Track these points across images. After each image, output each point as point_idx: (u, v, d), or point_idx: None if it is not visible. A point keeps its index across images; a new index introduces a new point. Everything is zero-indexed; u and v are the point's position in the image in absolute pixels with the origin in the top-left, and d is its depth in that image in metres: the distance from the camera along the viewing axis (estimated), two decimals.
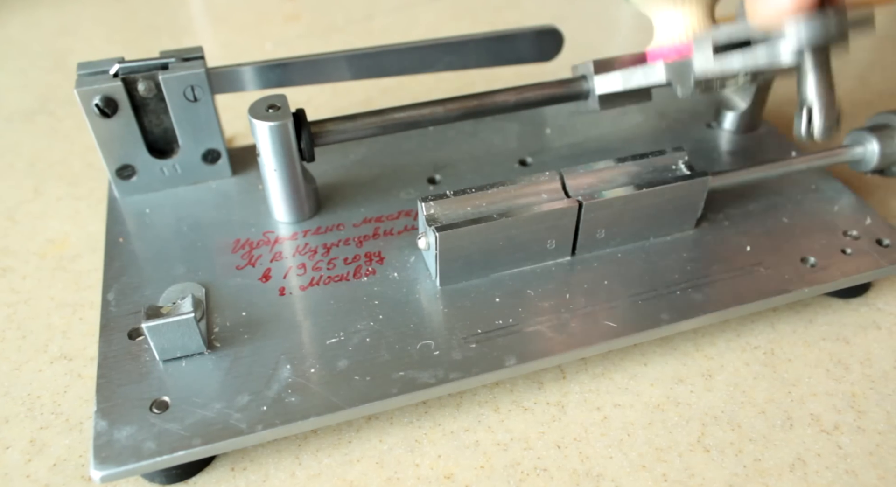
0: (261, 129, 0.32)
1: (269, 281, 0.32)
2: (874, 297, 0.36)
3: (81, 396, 0.32)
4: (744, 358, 0.33)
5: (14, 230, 0.41)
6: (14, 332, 0.35)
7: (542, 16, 0.62)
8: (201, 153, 0.37)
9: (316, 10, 0.64)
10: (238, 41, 0.60)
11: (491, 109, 0.36)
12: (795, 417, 0.31)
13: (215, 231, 0.35)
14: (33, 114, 0.51)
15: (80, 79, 0.33)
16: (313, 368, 0.29)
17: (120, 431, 0.26)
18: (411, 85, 0.53)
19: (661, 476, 0.29)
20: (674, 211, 0.34)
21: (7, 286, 0.37)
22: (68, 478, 0.28)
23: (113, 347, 0.29)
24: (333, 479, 0.28)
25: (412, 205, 0.37)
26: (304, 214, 0.36)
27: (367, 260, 0.34)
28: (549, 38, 0.40)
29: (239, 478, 0.29)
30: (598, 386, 0.32)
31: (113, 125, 0.34)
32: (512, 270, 0.33)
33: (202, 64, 0.35)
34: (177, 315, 0.27)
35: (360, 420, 0.31)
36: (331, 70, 0.38)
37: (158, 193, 0.38)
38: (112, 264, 0.33)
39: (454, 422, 0.31)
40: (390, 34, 0.60)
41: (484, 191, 0.31)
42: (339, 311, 0.31)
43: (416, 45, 0.38)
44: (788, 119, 0.47)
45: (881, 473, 0.29)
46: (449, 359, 0.29)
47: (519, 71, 0.44)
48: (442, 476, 0.28)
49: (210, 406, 0.27)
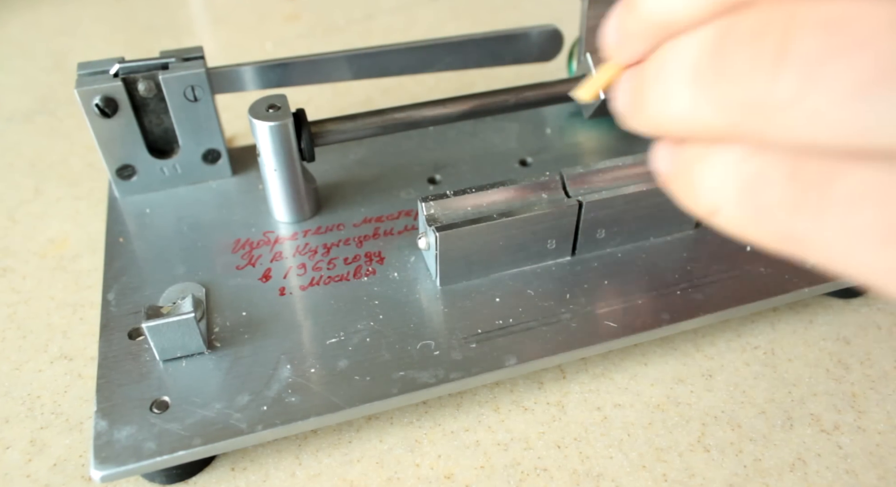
0: (261, 129, 0.32)
1: (269, 281, 0.32)
2: (874, 297, 0.36)
3: (81, 396, 0.32)
4: (744, 358, 0.33)
5: (14, 230, 0.41)
6: (14, 332, 0.35)
7: (542, 16, 0.62)
8: (201, 153, 0.37)
9: (316, 10, 0.64)
10: (238, 41, 0.60)
11: (491, 109, 0.36)
12: (795, 417, 0.31)
13: (215, 231, 0.35)
14: (33, 114, 0.51)
15: (80, 79, 0.33)
16: (313, 368, 0.29)
17: (120, 431, 0.26)
18: (411, 85, 0.53)
19: (662, 476, 0.29)
20: (674, 211, 0.34)
21: (7, 286, 0.37)
22: (68, 478, 0.28)
23: (113, 347, 0.29)
24: (334, 479, 0.28)
25: (412, 205, 0.37)
26: (305, 214, 0.36)
27: (368, 260, 0.34)
28: (549, 38, 0.40)
29: (239, 478, 0.29)
30: (598, 386, 0.32)
31: (113, 125, 0.34)
32: (512, 270, 0.33)
33: (202, 64, 0.35)
34: (177, 315, 0.27)
35: (361, 420, 0.31)
36: (331, 70, 0.38)
37: (158, 193, 0.38)
38: (112, 264, 0.33)
39: (454, 422, 0.31)
40: (390, 34, 0.60)
41: (484, 191, 0.31)
42: (339, 311, 0.31)
43: (416, 45, 0.38)
44: None
45: (881, 473, 0.29)
46: (449, 359, 0.29)
47: (519, 71, 0.44)
48: (442, 476, 0.28)
49: (210, 406, 0.27)
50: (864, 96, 0.11)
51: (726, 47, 0.13)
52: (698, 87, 0.14)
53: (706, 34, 0.14)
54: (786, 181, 0.13)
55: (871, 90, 0.11)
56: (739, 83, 0.13)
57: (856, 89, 0.11)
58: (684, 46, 0.15)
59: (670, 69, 0.15)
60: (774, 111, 0.12)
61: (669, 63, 0.15)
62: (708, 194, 0.15)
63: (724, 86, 0.13)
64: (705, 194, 0.15)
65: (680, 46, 0.15)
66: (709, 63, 0.14)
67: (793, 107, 0.12)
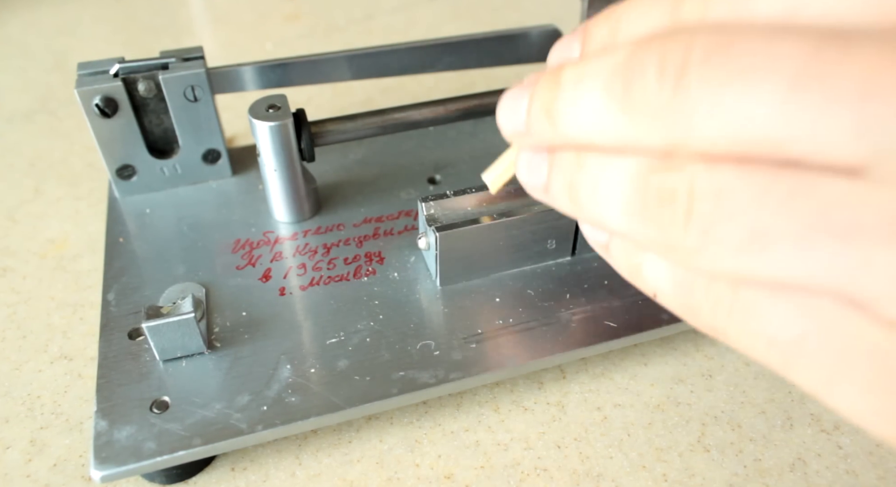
0: (261, 129, 0.32)
1: (269, 281, 0.32)
2: None
3: (81, 396, 0.32)
4: (744, 358, 0.33)
5: (14, 230, 0.41)
6: (14, 332, 0.35)
7: (542, 16, 0.62)
8: (201, 153, 0.37)
9: (316, 10, 0.64)
10: (238, 41, 0.60)
11: (491, 109, 0.36)
12: (795, 417, 0.31)
13: (215, 231, 0.35)
14: (33, 114, 0.51)
15: (81, 79, 0.33)
16: (313, 368, 0.29)
17: (120, 431, 0.26)
18: (411, 85, 0.53)
19: (662, 475, 0.29)
20: None
21: (7, 286, 0.37)
22: (68, 478, 0.28)
23: (113, 347, 0.29)
24: (334, 479, 0.28)
25: (412, 205, 0.37)
26: (304, 214, 0.36)
27: (368, 260, 0.34)
28: (549, 38, 0.40)
29: (239, 478, 0.29)
30: (598, 386, 0.32)
31: (113, 125, 0.34)
32: (512, 270, 0.33)
33: (202, 64, 0.35)
34: (177, 315, 0.27)
35: (361, 420, 0.31)
36: (331, 70, 0.38)
37: (158, 193, 0.38)
38: (112, 264, 0.33)
39: (454, 422, 0.31)
40: (390, 34, 0.60)
41: (484, 191, 0.31)
42: (339, 311, 0.31)
43: (416, 45, 0.38)
44: None
45: (881, 473, 0.29)
46: (449, 359, 0.29)
47: (519, 71, 0.44)
48: (442, 476, 0.28)
49: (210, 406, 0.27)
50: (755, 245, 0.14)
51: (646, 198, 0.16)
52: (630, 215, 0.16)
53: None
54: (704, 290, 0.16)
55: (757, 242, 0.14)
56: (660, 223, 0.15)
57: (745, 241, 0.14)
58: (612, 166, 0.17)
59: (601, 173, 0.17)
60: (689, 253, 0.15)
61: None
62: (647, 281, 0.18)
63: (648, 224, 0.16)
64: (644, 281, 0.18)
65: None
66: (640, 195, 0.16)
67: (700, 254, 0.14)
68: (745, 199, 0.13)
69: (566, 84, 0.18)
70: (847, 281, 0.12)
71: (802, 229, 0.13)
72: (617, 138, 0.16)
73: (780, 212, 0.13)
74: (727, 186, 0.14)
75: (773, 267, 0.13)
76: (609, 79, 0.16)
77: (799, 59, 0.12)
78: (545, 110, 0.19)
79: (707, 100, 0.13)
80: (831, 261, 0.12)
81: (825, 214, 0.12)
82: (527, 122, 0.20)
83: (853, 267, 0.12)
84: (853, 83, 0.12)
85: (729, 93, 0.13)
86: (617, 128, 0.16)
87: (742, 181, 0.13)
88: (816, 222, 0.12)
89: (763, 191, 0.13)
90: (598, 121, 0.17)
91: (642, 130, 0.15)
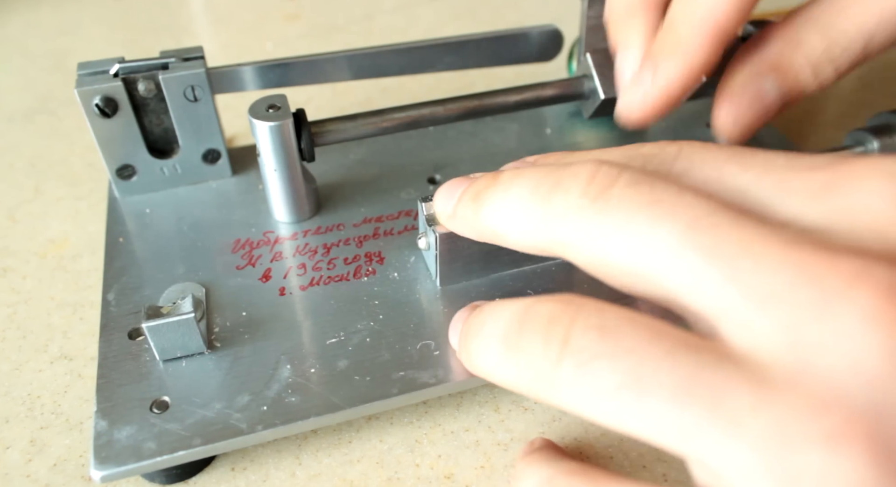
0: (261, 129, 0.32)
1: (269, 281, 0.32)
2: None
3: (81, 396, 0.32)
4: None
5: (14, 230, 0.41)
6: (14, 332, 0.35)
7: (542, 16, 0.62)
8: (201, 153, 0.37)
9: (316, 10, 0.64)
10: (238, 41, 0.60)
11: (491, 109, 0.36)
12: None
13: (215, 231, 0.35)
14: (33, 114, 0.51)
15: (80, 79, 0.33)
16: (313, 368, 0.29)
17: (120, 431, 0.26)
18: (411, 85, 0.53)
19: (662, 476, 0.29)
20: None
21: (7, 286, 0.37)
22: (68, 478, 0.28)
23: (113, 347, 0.29)
24: (334, 479, 0.28)
25: (412, 205, 0.37)
26: (304, 214, 0.36)
27: (367, 260, 0.34)
28: (549, 38, 0.40)
29: (239, 478, 0.29)
30: None
31: (113, 125, 0.34)
32: (512, 270, 0.33)
33: (202, 64, 0.35)
34: (177, 315, 0.27)
35: (361, 420, 0.31)
36: (331, 70, 0.38)
37: (158, 193, 0.38)
38: (112, 264, 0.33)
39: (454, 422, 0.31)
40: (390, 34, 0.60)
41: None
42: (339, 311, 0.31)
43: (416, 45, 0.38)
44: (788, 120, 0.47)
45: None
46: (449, 359, 0.29)
47: (519, 71, 0.44)
48: (442, 476, 0.28)
49: (210, 406, 0.27)
50: (621, 393, 0.18)
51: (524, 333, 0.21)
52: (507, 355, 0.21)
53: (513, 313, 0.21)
54: None
55: (626, 390, 0.17)
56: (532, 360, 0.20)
57: (615, 386, 0.18)
58: (500, 314, 0.22)
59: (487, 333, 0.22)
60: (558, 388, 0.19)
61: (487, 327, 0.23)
62: None
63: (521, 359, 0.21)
64: None
65: (496, 313, 0.22)
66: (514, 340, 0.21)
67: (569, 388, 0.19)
68: (634, 338, 0.19)
69: (502, 179, 0.22)
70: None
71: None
72: (529, 234, 0.21)
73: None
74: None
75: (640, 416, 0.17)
76: (537, 183, 0.20)
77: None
78: (475, 195, 0.23)
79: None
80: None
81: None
82: (455, 206, 0.25)
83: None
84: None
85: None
86: (531, 225, 0.21)
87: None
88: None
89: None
90: (516, 215, 0.21)
91: (552, 231, 0.20)
